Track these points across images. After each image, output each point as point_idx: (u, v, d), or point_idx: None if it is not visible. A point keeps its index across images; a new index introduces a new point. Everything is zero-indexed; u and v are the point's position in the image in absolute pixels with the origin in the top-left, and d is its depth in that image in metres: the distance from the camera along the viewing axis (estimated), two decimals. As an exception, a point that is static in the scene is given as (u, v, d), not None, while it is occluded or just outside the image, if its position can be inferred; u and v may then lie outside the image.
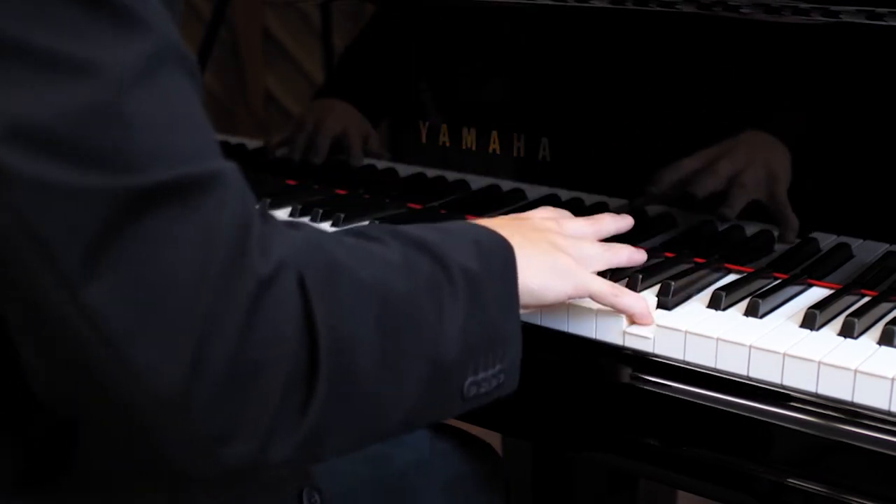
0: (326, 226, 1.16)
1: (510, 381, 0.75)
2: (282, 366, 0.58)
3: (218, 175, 0.56)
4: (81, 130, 0.52)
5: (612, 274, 0.95)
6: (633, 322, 0.87)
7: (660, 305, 0.90)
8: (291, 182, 1.33)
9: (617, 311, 0.87)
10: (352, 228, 0.73)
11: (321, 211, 1.18)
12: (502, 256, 0.75)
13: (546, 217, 0.90)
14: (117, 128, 0.53)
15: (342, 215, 1.16)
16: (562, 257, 0.82)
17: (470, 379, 0.70)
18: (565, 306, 0.89)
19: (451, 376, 0.69)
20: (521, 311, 0.77)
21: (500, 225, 0.81)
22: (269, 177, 1.34)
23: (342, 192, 1.29)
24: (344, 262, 0.63)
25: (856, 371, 0.77)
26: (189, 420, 0.55)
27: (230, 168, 0.58)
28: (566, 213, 0.94)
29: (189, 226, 0.54)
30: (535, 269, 0.79)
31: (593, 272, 0.86)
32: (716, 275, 0.98)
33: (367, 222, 1.15)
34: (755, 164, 0.98)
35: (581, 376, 0.89)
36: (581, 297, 0.85)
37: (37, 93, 0.52)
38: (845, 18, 0.90)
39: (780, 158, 0.96)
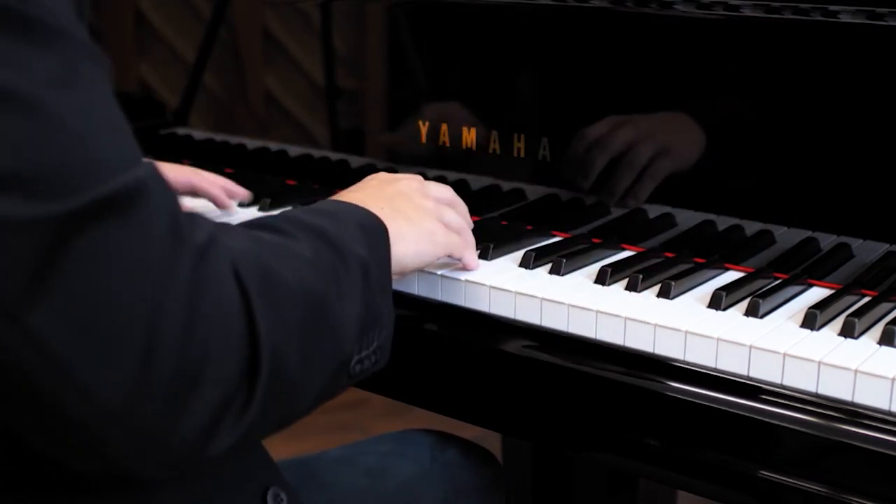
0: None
1: (383, 357, 0.79)
2: (226, 359, 0.60)
3: (144, 179, 0.57)
4: (14, 162, 0.52)
5: (615, 270, 0.95)
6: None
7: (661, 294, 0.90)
8: (291, 182, 1.33)
9: (461, 262, 0.96)
10: (259, 221, 0.75)
11: (321, 211, 1.18)
12: (382, 239, 0.80)
13: (412, 180, 0.94)
14: (49, 151, 0.53)
15: (342, 215, 1.16)
16: (428, 221, 0.89)
17: (355, 358, 0.74)
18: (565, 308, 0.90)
19: (348, 361, 0.73)
20: (397, 277, 0.85)
21: (372, 196, 0.86)
22: (270, 177, 1.34)
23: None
24: (274, 268, 0.66)
25: (856, 371, 0.77)
26: (139, 427, 0.57)
27: (149, 167, 0.58)
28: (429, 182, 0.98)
29: (126, 236, 0.55)
30: (408, 241, 0.85)
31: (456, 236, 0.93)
32: (715, 273, 0.98)
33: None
34: (756, 163, 0.98)
35: (581, 376, 0.89)
36: (445, 256, 0.93)
37: None
38: (845, 18, 0.90)
39: (780, 158, 0.97)
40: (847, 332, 0.83)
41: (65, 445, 0.60)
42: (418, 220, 0.88)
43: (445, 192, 0.96)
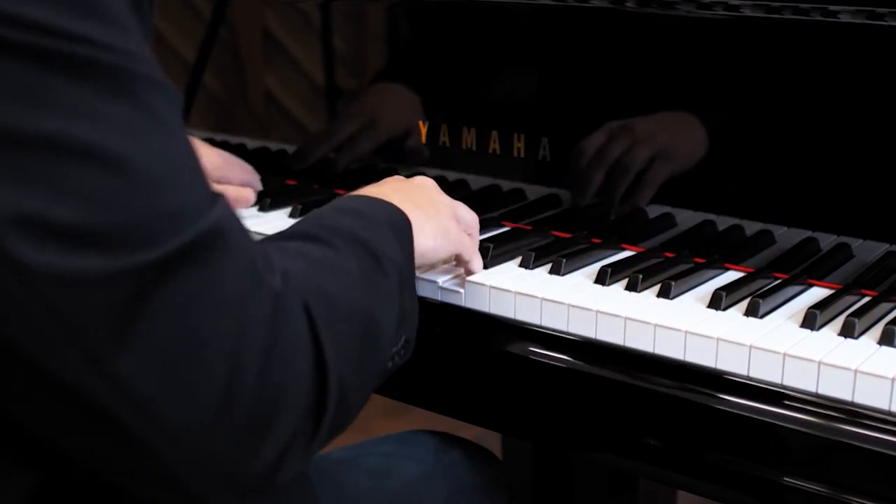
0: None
1: (410, 349, 0.81)
2: (298, 396, 0.61)
3: (220, 223, 0.57)
4: (95, 217, 0.52)
5: (615, 270, 0.95)
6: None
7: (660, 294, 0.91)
8: (291, 182, 1.33)
9: (465, 266, 0.96)
10: (299, 230, 0.75)
11: (321, 211, 1.18)
12: (408, 236, 0.81)
13: (426, 179, 0.95)
14: (129, 205, 0.53)
15: (342, 215, 1.16)
16: (443, 218, 0.90)
17: (391, 358, 0.77)
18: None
19: (387, 365, 0.76)
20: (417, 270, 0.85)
21: (393, 190, 0.86)
22: (269, 177, 1.34)
23: (342, 192, 1.28)
24: (331, 292, 0.67)
25: (856, 371, 0.77)
26: (214, 462, 0.58)
27: (223, 206, 0.58)
28: None
29: (207, 281, 0.56)
30: (426, 235, 0.86)
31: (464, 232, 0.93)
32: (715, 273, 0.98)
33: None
34: (756, 163, 0.98)
35: (581, 377, 0.89)
36: (455, 255, 0.93)
37: (45, 184, 0.51)
38: (845, 18, 0.90)
39: (780, 158, 0.97)
40: (847, 332, 0.83)
41: (134, 473, 0.60)
42: (436, 215, 0.89)
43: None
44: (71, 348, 0.53)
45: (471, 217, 0.96)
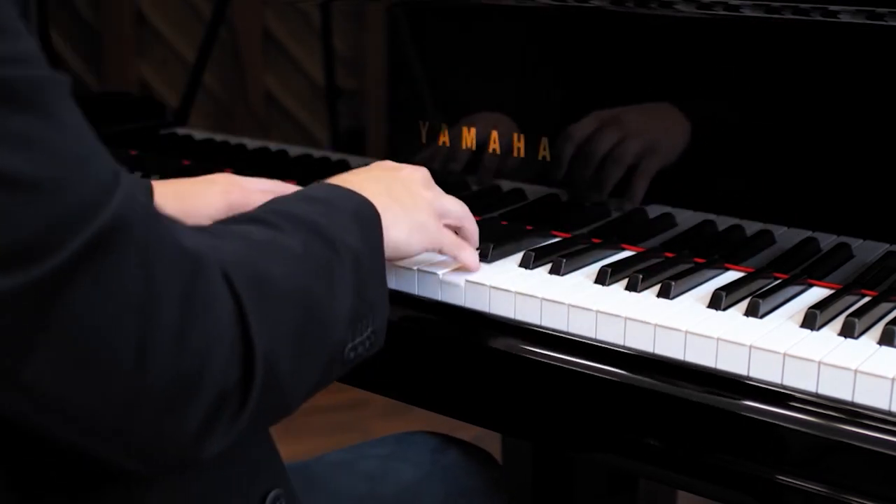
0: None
1: (378, 341, 0.80)
2: (221, 368, 0.61)
3: (120, 213, 0.56)
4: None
5: (615, 270, 0.95)
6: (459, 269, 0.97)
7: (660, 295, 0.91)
8: (291, 182, 1.33)
9: (457, 260, 0.96)
10: (249, 213, 0.75)
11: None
12: (376, 228, 0.81)
13: (415, 171, 0.94)
14: (20, 222, 0.52)
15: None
16: (422, 214, 0.89)
17: (349, 345, 0.75)
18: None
19: (340, 351, 0.74)
20: (390, 258, 0.86)
21: (371, 181, 0.87)
22: (270, 177, 1.34)
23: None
24: (266, 272, 0.66)
25: (856, 371, 0.77)
26: (135, 438, 0.60)
27: (126, 188, 0.57)
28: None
29: (108, 276, 0.55)
30: (400, 228, 0.86)
31: (447, 226, 0.93)
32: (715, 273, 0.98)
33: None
34: (755, 163, 0.98)
35: (581, 377, 0.89)
36: (434, 250, 0.93)
37: None
38: (845, 18, 0.90)
39: (780, 158, 0.97)
40: (847, 332, 0.83)
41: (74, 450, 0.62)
42: (413, 208, 0.89)
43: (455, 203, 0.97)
44: None
45: (458, 208, 0.95)
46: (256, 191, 1.02)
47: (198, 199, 0.99)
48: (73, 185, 0.54)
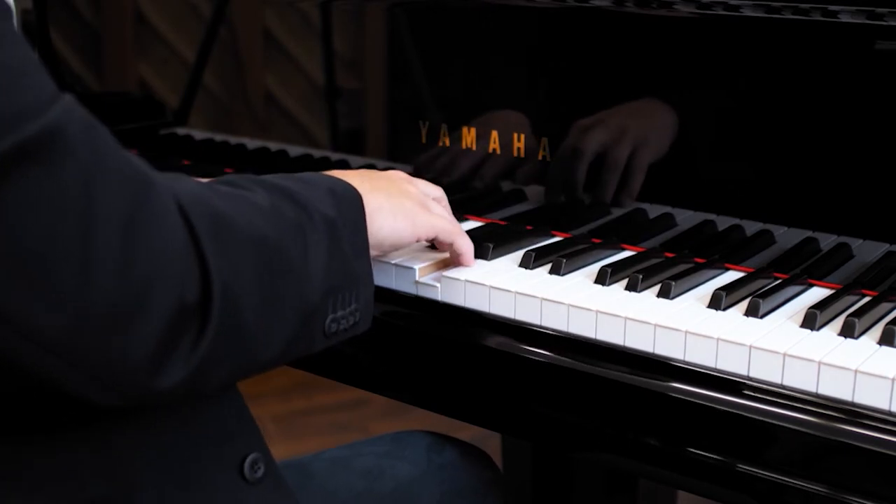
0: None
1: (364, 320, 0.82)
2: (170, 290, 0.62)
3: (59, 121, 0.58)
4: None
5: (615, 270, 0.95)
6: (455, 265, 0.98)
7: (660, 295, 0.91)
8: (291, 182, 1.33)
9: (452, 249, 0.97)
10: (221, 178, 0.77)
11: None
12: (355, 204, 0.82)
13: (397, 172, 0.97)
14: None
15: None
16: (407, 201, 0.91)
17: (330, 317, 0.77)
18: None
19: (316, 314, 0.75)
20: (376, 254, 0.88)
21: (355, 175, 0.89)
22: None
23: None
24: (225, 212, 0.68)
25: (856, 371, 0.77)
26: (83, 357, 0.60)
27: (68, 106, 0.59)
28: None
29: (44, 180, 0.57)
30: (384, 214, 0.87)
31: (440, 218, 0.94)
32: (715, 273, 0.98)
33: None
34: (757, 163, 0.98)
35: (581, 377, 0.89)
36: (428, 237, 0.93)
37: None
38: (845, 18, 0.90)
39: (780, 158, 0.97)
40: (847, 332, 0.83)
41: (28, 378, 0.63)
42: (397, 196, 0.90)
43: (434, 188, 1.00)
44: None
45: (441, 209, 0.96)
46: None
47: None
48: (13, 89, 0.56)
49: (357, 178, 0.87)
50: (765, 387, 0.80)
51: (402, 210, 0.89)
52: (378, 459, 1.01)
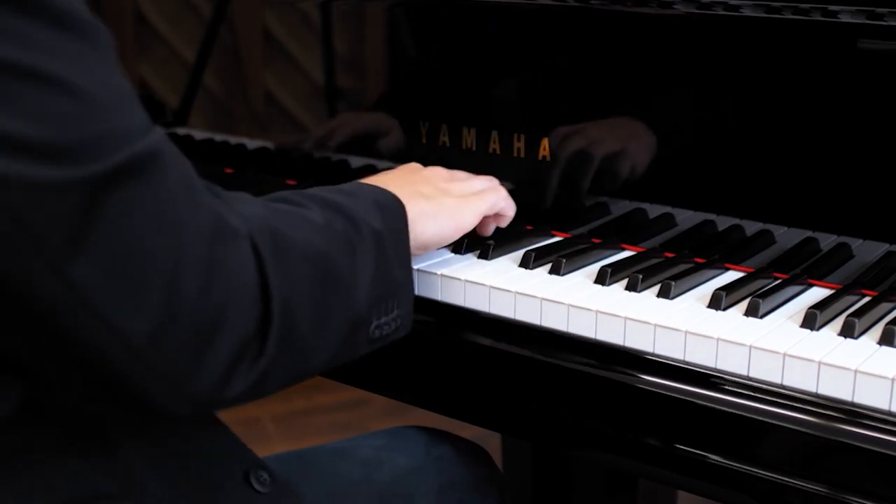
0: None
1: (405, 325, 0.86)
2: (241, 311, 0.67)
3: (158, 145, 0.64)
4: (51, 133, 0.58)
5: (615, 270, 0.95)
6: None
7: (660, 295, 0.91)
8: (291, 182, 1.33)
9: (500, 217, 1.01)
10: (274, 195, 0.81)
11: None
12: (398, 214, 0.87)
13: (436, 168, 1.01)
14: (80, 124, 0.60)
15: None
16: (448, 199, 0.94)
17: (374, 323, 0.81)
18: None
19: (363, 322, 0.80)
20: (421, 253, 0.93)
21: (395, 179, 0.93)
22: (269, 177, 1.34)
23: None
24: (284, 231, 0.73)
25: (856, 371, 0.77)
26: (162, 367, 0.64)
27: (161, 133, 0.65)
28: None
29: (149, 193, 0.62)
30: (426, 218, 0.91)
31: (481, 202, 0.98)
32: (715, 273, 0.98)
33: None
34: (758, 164, 0.98)
35: (581, 377, 0.89)
36: (475, 224, 0.97)
37: (17, 107, 0.57)
38: (845, 18, 0.90)
39: (780, 158, 0.97)
40: (847, 332, 0.83)
41: (91, 377, 0.67)
42: (438, 198, 0.93)
43: (470, 176, 1.03)
44: (35, 258, 0.59)
45: (482, 184, 1.00)
46: None
47: None
48: (122, 110, 0.63)
49: (398, 184, 0.90)
50: (765, 387, 0.80)
51: (443, 210, 0.93)
52: (377, 451, 1.02)
